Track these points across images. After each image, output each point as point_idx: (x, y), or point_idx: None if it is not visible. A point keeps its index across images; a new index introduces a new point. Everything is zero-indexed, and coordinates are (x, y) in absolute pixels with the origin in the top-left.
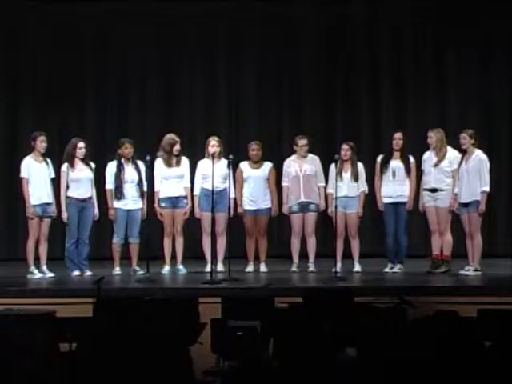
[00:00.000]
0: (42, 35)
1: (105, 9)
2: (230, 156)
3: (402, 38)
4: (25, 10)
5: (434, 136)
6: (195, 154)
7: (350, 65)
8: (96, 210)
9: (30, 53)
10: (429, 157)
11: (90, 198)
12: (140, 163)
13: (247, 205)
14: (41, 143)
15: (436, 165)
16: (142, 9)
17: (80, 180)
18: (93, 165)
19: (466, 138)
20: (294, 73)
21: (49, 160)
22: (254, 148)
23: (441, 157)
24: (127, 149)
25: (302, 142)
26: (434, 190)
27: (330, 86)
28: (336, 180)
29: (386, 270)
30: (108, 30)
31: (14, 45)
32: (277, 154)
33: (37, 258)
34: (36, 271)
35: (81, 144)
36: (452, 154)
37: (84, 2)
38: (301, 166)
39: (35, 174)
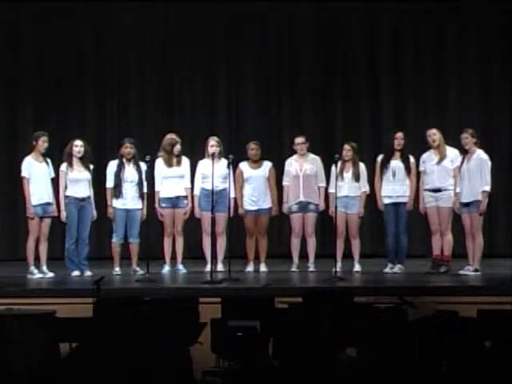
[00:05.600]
0: (41, 35)
1: (105, 8)
2: (230, 156)
3: (402, 38)
4: (25, 10)
5: (437, 133)
6: (195, 154)
7: (350, 65)
8: (94, 211)
9: (29, 53)
10: (428, 157)
11: (89, 197)
12: (142, 164)
13: (248, 205)
14: (43, 143)
15: (439, 162)
16: (142, 9)
17: (77, 181)
18: (91, 166)
19: (468, 138)
20: (294, 73)
21: (49, 160)
22: (253, 148)
23: (442, 155)
24: (127, 148)
25: (298, 140)
26: (437, 190)
27: (330, 85)
28: (337, 180)
29: (386, 270)
30: (108, 30)
31: (14, 45)
32: (277, 154)
33: (37, 258)
34: (36, 271)
35: (77, 142)
36: (452, 152)
37: (84, 2)
38: (301, 166)
39: (36, 173)
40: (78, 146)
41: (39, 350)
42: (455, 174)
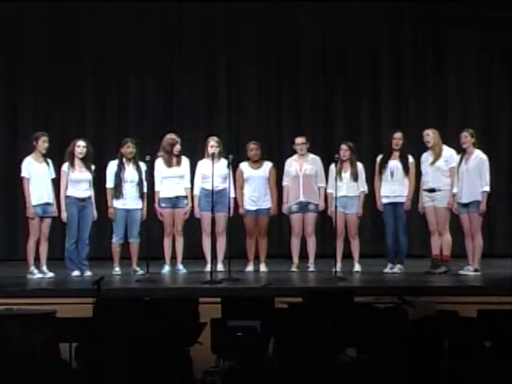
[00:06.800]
0: (41, 35)
1: (105, 8)
2: (230, 156)
3: (402, 38)
4: (25, 9)
5: (431, 133)
6: (195, 154)
7: (350, 65)
8: (94, 211)
9: (29, 53)
10: (426, 157)
11: (90, 197)
12: (141, 164)
13: (248, 205)
14: (43, 143)
15: (433, 163)
16: (142, 8)
17: (78, 181)
18: (93, 167)
19: (467, 137)
20: (294, 73)
21: (49, 160)
22: (253, 148)
23: (437, 155)
24: (129, 148)
25: (299, 140)
26: (432, 190)
27: (330, 85)
28: (336, 180)
29: (386, 270)
30: (108, 30)
31: (14, 45)
32: (277, 154)
33: (37, 258)
34: (36, 271)
35: (79, 142)
36: (448, 152)
37: (84, 2)
38: (301, 166)
39: (36, 174)
40: (81, 147)
41: (39, 349)
42: (451, 174)
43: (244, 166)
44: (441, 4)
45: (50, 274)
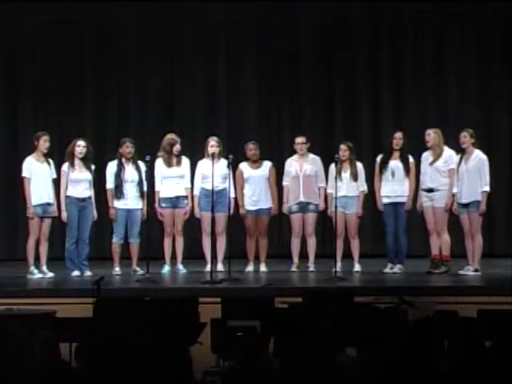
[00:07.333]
0: (41, 34)
1: (105, 8)
2: (230, 156)
3: (403, 38)
4: (25, 9)
5: (431, 133)
6: (195, 154)
7: (350, 65)
8: (94, 211)
9: (29, 52)
10: (425, 157)
11: (90, 197)
12: (140, 163)
13: (248, 205)
14: (44, 143)
15: (432, 163)
16: (142, 8)
17: (78, 181)
18: (93, 166)
19: (466, 137)
20: (294, 73)
21: (51, 160)
22: (252, 148)
23: (437, 155)
24: (128, 148)
25: (299, 139)
26: (430, 190)
27: (330, 86)
28: (335, 180)
29: (386, 270)
30: (108, 30)
31: (14, 44)
32: (277, 154)
33: (37, 258)
34: (36, 271)
35: (79, 142)
36: (448, 153)
37: (85, 2)
38: (301, 166)
39: (36, 173)
40: (81, 147)
41: (39, 349)
42: (451, 175)
43: (243, 166)
44: (441, 4)
45: (50, 274)
